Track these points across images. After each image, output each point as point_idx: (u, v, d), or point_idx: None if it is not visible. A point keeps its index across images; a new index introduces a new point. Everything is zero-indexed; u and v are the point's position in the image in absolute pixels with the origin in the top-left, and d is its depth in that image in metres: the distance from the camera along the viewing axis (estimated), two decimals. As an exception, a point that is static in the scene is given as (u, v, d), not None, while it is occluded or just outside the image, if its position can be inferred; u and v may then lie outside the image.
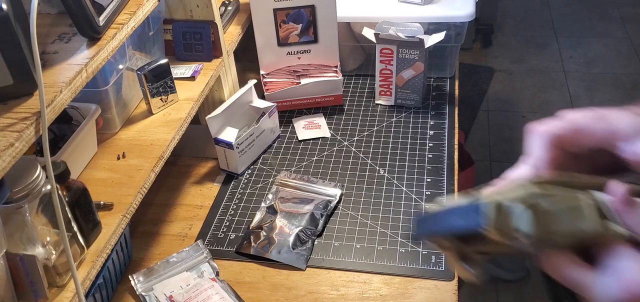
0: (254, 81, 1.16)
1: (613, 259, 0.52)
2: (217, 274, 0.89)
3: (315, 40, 1.24)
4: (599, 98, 2.56)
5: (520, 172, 0.56)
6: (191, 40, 1.08)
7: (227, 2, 1.21)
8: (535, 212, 0.57)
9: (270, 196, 1.04)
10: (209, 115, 1.05)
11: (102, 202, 0.80)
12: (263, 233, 0.96)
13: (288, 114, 1.25)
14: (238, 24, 1.21)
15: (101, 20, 0.73)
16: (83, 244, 0.73)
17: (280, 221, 0.97)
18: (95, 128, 0.91)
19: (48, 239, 0.69)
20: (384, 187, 1.05)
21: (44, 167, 0.65)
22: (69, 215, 0.70)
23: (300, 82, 1.23)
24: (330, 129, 1.21)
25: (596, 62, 2.81)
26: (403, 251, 0.92)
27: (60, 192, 0.68)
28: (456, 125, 1.19)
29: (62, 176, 0.72)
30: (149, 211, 1.05)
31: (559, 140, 0.58)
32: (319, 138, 1.19)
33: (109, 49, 0.74)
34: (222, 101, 1.14)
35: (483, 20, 2.91)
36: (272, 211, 1.00)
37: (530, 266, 0.63)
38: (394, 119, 1.22)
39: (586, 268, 0.53)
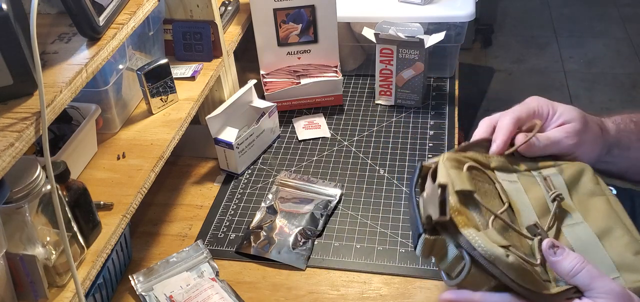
0: (254, 81, 1.16)
1: None
2: (217, 274, 0.89)
3: (315, 40, 1.24)
4: (599, 98, 2.56)
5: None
6: (191, 40, 1.08)
7: (227, 2, 1.21)
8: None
9: (270, 196, 1.04)
10: (209, 116, 1.05)
11: (102, 202, 0.80)
12: (263, 233, 0.96)
13: (288, 114, 1.25)
14: (238, 24, 1.21)
15: (101, 20, 0.73)
16: (83, 244, 0.73)
17: (280, 221, 0.97)
18: (95, 128, 0.91)
19: (48, 239, 0.69)
20: (384, 187, 1.05)
21: (44, 167, 0.65)
22: (69, 215, 0.70)
23: (300, 82, 1.23)
24: (330, 129, 1.21)
25: (596, 62, 2.80)
26: (403, 251, 0.92)
27: (60, 192, 0.68)
28: (456, 125, 1.19)
29: (62, 176, 0.72)
30: (149, 211, 1.05)
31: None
32: (319, 138, 1.19)
33: (109, 49, 0.74)
34: (222, 101, 1.14)
35: (483, 20, 2.91)
36: (272, 211, 1.00)
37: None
38: (394, 119, 1.22)
39: None
